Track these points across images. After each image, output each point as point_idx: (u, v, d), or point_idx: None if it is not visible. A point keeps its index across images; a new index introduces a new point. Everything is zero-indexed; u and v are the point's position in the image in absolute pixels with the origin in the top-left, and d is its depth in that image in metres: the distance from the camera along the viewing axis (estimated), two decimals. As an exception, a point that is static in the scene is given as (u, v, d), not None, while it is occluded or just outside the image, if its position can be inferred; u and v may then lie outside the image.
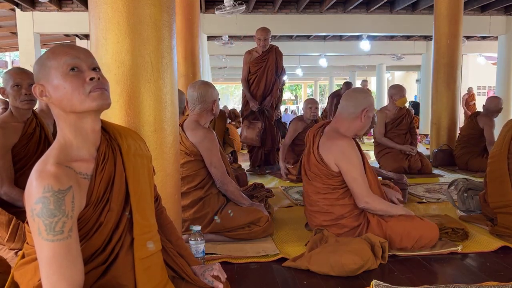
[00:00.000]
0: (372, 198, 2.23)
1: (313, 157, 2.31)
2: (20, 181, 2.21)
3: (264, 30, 4.61)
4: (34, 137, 2.34)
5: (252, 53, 4.76)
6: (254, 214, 2.46)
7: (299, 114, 7.36)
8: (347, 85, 7.14)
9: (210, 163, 2.44)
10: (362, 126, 2.31)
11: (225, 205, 2.49)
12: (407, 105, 5.26)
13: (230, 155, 4.79)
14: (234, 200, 2.52)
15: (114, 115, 1.77)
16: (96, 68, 1.19)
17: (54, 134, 1.24)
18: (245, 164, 5.18)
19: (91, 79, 1.14)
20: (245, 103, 4.84)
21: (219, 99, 2.78)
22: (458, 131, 5.61)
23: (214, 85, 2.70)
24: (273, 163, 4.97)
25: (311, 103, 4.57)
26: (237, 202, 2.52)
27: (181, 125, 2.50)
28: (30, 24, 8.06)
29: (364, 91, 2.40)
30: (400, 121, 4.77)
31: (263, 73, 4.67)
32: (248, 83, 4.77)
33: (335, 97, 7.21)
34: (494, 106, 4.79)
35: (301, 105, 24.06)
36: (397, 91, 4.73)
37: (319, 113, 5.36)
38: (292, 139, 4.60)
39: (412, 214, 2.30)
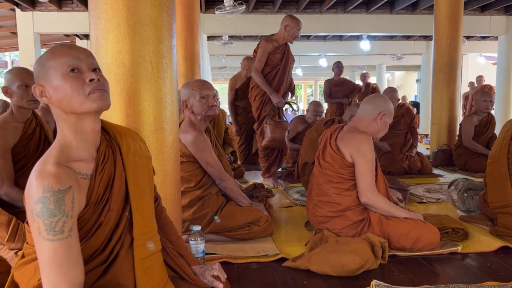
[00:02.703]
0: (374, 195, 2.25)
1: (330, 148, 2.36)
2: (20, 181, 2.21)
3: (299, 21, 3.91)
4: (34, 137, 2.34)
5: (272, 42, 3.92)
6: (254, 214, 2.46)
7: (299, 114, 7.37)
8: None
9: (206, 163, 2.44)
10: (378, 130, 2.37)
11: (225, 205, 2.49)
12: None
13: (230, 155, 4.78)
14: (233, 198, 2.52)
15: (114, 115, 1.77)
16: (96, 69, 1.19)
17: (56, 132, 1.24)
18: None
19: (91, 80, 1.14)
20: (265, 100, 3.97)
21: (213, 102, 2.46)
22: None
23: (214, 85, 2.61)
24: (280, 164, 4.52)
25: (316, 110, 4.51)
26: (237, 200, 2.52)
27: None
28: (30, 24, 8.05)
29: (384, 96, 2.50)
30: (397, 121, 4.68)
31: (286, 65, 4.00)
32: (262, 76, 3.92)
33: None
34: (475, 100, 4.76)
35: (301, 105, 24.10)
36: (383, 92, 4.72)
37: (323, 115, 5.24)
38: (292, 137, 4.55)
39: (417, 217, 2.28)
